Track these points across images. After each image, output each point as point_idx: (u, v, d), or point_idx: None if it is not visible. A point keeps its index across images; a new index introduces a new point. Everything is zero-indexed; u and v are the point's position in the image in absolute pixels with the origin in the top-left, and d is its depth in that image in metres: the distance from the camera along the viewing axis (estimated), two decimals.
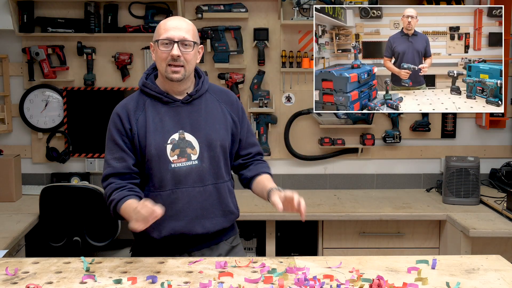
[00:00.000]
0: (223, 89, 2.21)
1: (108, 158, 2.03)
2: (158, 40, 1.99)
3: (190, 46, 2.00)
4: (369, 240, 3.33)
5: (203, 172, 2.03)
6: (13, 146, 3.76)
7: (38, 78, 3.70)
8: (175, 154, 2.01)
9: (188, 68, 2.01)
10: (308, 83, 3.69)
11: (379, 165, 3.86)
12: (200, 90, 2.08)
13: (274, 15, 3.71)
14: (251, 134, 2.21)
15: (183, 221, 2.03)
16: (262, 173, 2.14)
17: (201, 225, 2.04)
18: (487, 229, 2.91)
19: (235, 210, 2.15)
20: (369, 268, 1.85)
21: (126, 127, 2.02)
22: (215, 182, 2.06)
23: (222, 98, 2.14)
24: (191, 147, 2.02)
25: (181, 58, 1.97)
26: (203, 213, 2.04)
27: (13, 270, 1.82)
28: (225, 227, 2.12)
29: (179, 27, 1.99)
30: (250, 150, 2.19)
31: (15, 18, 3.56)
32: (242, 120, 2.16)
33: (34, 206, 3.21)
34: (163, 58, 1.99)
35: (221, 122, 2.08)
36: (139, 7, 3.68)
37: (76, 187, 3.26)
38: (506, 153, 3.83)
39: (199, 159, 2.03)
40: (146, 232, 2.00)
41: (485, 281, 1.75)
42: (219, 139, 2.06)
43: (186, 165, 2.01)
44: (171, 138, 2.01)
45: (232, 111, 2.13)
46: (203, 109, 2.07)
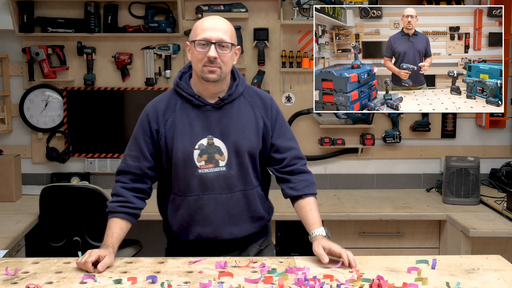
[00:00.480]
0: (259, 91, 2.11)
1: (126, 154, 2.03)
2: (195, 40, 1.92)
3: (228, 48, 1.93)
4: (369, 240, 3.33)
5: (231, 178, 1.99)
6: (13, 146, 3.76)
7: (38, 78, 3.70)
8: (202, 160, 1.97)
9: (224, 70, 1.94)
10: (308, 83, 3.69)
11: (379, 165, 3.85)
12: (233, 94, 2.00)
13: (274, 15, 3.71)
14: (286, 138, 2.08)
15: (209, 227, 2.01)
16: (304, 196, 2.04)
17: (228, 231, 2.02)
18: (487, 229, 2.91)
19: (265, 215, 2.10)
20: (369, 268, 1.85)
21: (153, 127, 1.99)
22: (243, 188, 2.02)
23: (256, 102, 2.05)
24: (220, 153, 1.98)
25: (217, 60, 1.91)
26: (230, 219, 2.02)
27: (13, 270, 1.82)
28: (254, 232, 2.09)
29: (217, 27, 1.92)
30: (285, 154, 2.06)
31: (15, 18, 3.56)
32: (275, 123, 2.07)
33: (34, 206, 3.21)
34: (200, 59, 1.92)
35: (251, 128, 2.01)
36: (139, 7, 3.68)
37: (76, 187, 3.26)
38: (506, 153, 3.83)
39: (227, 165, 1.98)
40: (176, 235, 2.07)
41: (485, 281, 1.75)
42: (248, 146, 2.00)
43: (214, 171, 1.98)
44: (199, 143, 1.96)
45: (265, 116, 2.05)
46: (235, 114, 2.00)
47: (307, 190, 2.05)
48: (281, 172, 2.08)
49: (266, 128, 2.04)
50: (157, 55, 3.70)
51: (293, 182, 2.06)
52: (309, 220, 2.00)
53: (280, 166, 2.07)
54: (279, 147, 2.06)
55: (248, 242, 2.09)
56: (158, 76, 3.72)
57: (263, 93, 2.11)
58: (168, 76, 3.70)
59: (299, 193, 2.04)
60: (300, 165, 2.08)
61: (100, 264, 1.80)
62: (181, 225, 2.04)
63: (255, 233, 2.10)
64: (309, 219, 2.00)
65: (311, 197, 2.05)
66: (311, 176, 2.10)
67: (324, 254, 1.86)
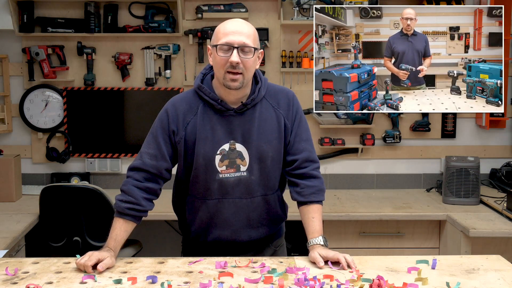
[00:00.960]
0: (281, 89, 2.06)
1: (143, 151, 1.98)
2: (217, 45, 1.87)
3: (251, 52, 1.88)
4: (369, 240, 3.32)
5: (251, 184, 1.98)
6: (13, 146, 3.76)
7: (38, 78, 3.70)
8: (223, 165, 1.95)
9: (247, 76, 1.90)
10: (308, 83, 3.69)
11: (379, 165, 3.85)
12: (255, 99, 1.96)
13: (274, 15, 3.71)
14: (300, 139, 2.03)
15: (228, 230, 2.01)
16: (309, 203, 2.00)
17: (247, 234, 2.03)
18: (487, 229, 2.91)
19: (283, 216, 2.11)
20: (369, 268, 1.85)
21: (171, 128, 1.96)
22: (264, 193, 2.01)
23: (278, 103, 2.01)
24: (241, 158, 1.96)
25: (240, 65, 1.86)
26: (249, 223, 2.02)
27: (13, 270, 1.82)
28: (272, 233, 2.10)
29: (240, 31, 1.87)
30: (297, 156, 2.01)
31: (15, 18, 3.56)
32: (294, 123, 2.02)
33: (34, 206, 3.21)
34: (222, 65, 1.87)
35: (274, 132, 1.98)
36: (139, 7, 3.68)
37: (76, 187, 3.26)
38: (506, 153, 3.83)
39: (248, 170, 1.96)
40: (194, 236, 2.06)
41: (485, 281, 1.75)
42: (270, 151, 1.97)
43: (235, 176, 1.96)
44: (221, 148, 1.94)
45: (287, 116, 2.01)
46: (257, 118, 1.96)
47: (313, 197, 2.01)
48: (291, 175, 2.05)
49: (286, 129, 2.01)
50: (157, 55, 3.70)
51: (301, 187, 2.02)
52: (310, 228, 1.99)
53: (291, 168, 2.03)
54: (292, 149, 2.02)
55: (264, 244, 2.09)
56: (158, 76, 3.72)
57: (284, 91, 2.06)
58: (168, 76, 3.70)
59: (305, 200, 2.01)
60: (310, 169, 2.03)
61: (100, 264, 1.79)
62: (200, 227, 2.04)
63: (272, 234, 2.11)
64: (309, 227, 1.99)
65: (316, 204, 2.01)
66: (320, 182, 2.04)
67: (320, 258, 1.86)
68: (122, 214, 1.93)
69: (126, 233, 1.94)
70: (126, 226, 1.94)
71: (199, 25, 3.67)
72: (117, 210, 1.95)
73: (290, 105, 2.02)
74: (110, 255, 1.85)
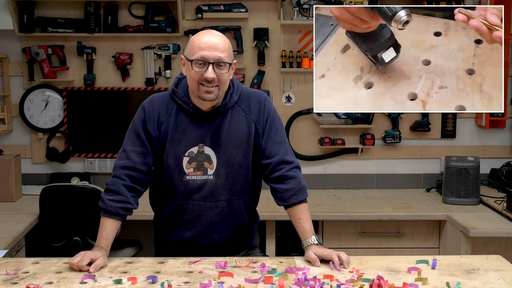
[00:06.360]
0: (252, 93, 2.07)
1: (129, 149, 1.99)
2: (192, 60, 1.88)
3: (226, 67, 1.90)
4: (369, 240, 3.33)
5: (217, 187, 2.00)
6: (13, 146, 3.76)
7: (38, 78, 3.70)
8: (191, 167, 1.98)
9: (222, 88, 1.92)
10: (308, 83, 3.69)
11: (379, 165, 3.86)
12: (227, 105, 1.98)
13: (274, 15, 3.71)
14: (273, 142, 2.02)
15: (191, 231, 2.04)
16: (292, 206, 2.00)
17: (209, 237, 2.05)
18: (487, 229, 2.91)
19: (248, 224, 2.11)
20: (369, 268, 1.85)
21: (148, 125, 1.99)
22: (229, 198, 2.03)
23: (250, 107, 2.02)
24: (209, 161, 1.98)
25: (215, 80, 1.88)
26: (212, 227, 2.04)
27: (13, 270, 1.82)
28: (235, 240, 2.10)
29: (215, 46, 1.88)
30: (270, 160, 2.01)
31: (15, 18, 3.56)
32: (265, 126, 2.03)
33: (34, 206, 3.21)
34: (196, 79, 1.89)
35: (243, 137, 2.00)
36: (139, 7, 3.68)
37: (76, 187, 3.26)
38: (506, 153, 3.83)
39: (215, 174, 1.99)
40: (159, 233, 2.12)
41: (485, 281, 1.75)
42: (238, 156, 1.99)
43: (201, 178, 1.99)
44: (189, 150, 1.97)
45: (258, 121, 2.02)
46: (227, 123, 1.98)
47: (294, 199, 2.01)
48: (268, 180, 2.05)
49: (257, 134, 2.03)
50: (157, 55, 3.70)
51: (280, 191, 2.01)
52: (300, 230, 2.00)
53: (267, 172, 2.04)
54: (265, 152, 2.03)
55: (229, 251, 2.08)
56: (158, 76, 3.72)
57: (256, 95, 2.07)
58: (168, 76, 3.70)
59: (287, 203, 2.02)
60: (285, 170, 2.02)
61: (93, 265, 1.81)
62: (164, 226, 2.09)
63: (237, 242, 2.11)
64: (299, 229, 2.00)
65: (300, 204, 2.01)
66: (297, 182, 2.02)
67: (316, 258, 1.87)
68: (113, 214, 1.95)
69: (116, 232, 1.98)
70: (117, 225, 1.97)
71: (199, 25, 3.67)
72: (107, 210, 1.96)
73: (262, 109, 2.03)
74: (102, 254, 1.87)
